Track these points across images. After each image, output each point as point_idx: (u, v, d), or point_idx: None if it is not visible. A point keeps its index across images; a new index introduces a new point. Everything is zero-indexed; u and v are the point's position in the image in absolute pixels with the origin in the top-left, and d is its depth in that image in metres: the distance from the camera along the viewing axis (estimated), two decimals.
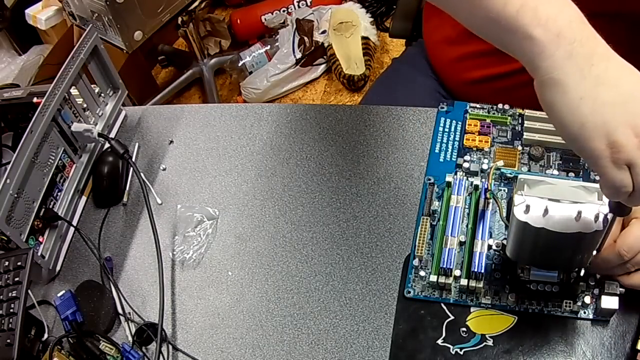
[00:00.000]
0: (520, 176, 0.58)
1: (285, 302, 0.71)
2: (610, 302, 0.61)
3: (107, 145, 0.84)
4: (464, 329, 0.65)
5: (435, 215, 0.72)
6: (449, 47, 0.93)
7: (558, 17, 0.48)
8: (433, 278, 0.67)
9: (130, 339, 0.70)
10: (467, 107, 0.80)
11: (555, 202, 0.56)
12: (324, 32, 1.95)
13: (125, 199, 0.83)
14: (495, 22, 0.50)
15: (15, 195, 0.69)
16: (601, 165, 0.48)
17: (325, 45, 1.94)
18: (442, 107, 0.81)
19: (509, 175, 0.73)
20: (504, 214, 0.70)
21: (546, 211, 0.55)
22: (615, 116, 0.46)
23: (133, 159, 0.84)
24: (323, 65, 1.99)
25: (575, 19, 0.48)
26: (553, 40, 0.47)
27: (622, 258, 0.58)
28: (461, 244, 0.69)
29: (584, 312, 0.63)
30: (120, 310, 0.72)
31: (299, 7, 2.07)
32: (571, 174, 0.72)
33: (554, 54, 0.47)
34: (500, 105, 0.79)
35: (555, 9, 0.48)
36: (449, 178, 0.73)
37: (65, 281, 0.77)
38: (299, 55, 1.94)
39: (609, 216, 0.55)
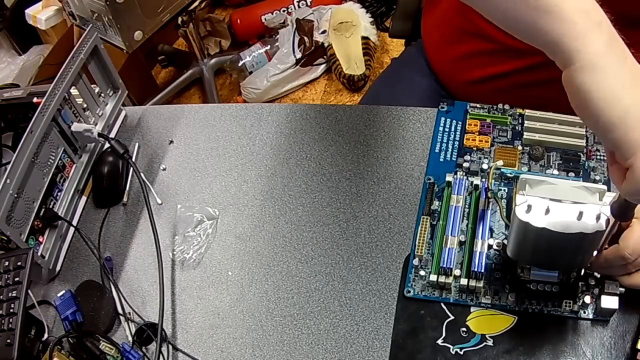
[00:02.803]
0: (522, 176, 0.58)
1: (285, 302, 0.71)
2: (610, 302, 0.61)
3: (107, 145, 0.84)
4: (464, 329, 0.65)
5: (435, 214, 0.72)
6: (447, 47, 0.93)
7: (597, 10, 0.48)
8: (433, 277, 0.67)
9: (130, 339, 0.70)
10: (467, 107, 0.80)
11: (557, 202, 0.56)
12: (324, 32, 1.95)
13: (125, 199, 0.83)
14: (532, 5, 0.49)
15: (15, 195, 0.69)
16: (637, 157, 0.47)
17: (325, 45, 1.94)
18: (442, 107, 0.81)
19: (509, 175, 0.73)
20: (504, 214, 0.70)
21: (547, 211, 0.55)
22: None
23: (133, 159, 0.84)
24: (323, 65, 1.99)
25: (607, 17, 0.49)
26: (595, 28, 0.47)
27: (625, 260, 0.58)
28: (461, 243, 0.69)
29: (584, 312, 0.63)
30: (120, 310, 0.72)
31: (299, 7, 2.07)
32: (571, 174, 0.72)
33: (597, 40, 0.47)
34: (500, 105, 0.79)
35: (591, 4, 0.49)
36: (449, 178, 0.73)
37: (65, 281, 0.77)
38: (299, 55, 1.94)
39: (611, 218, 0.55)
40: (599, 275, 0.64)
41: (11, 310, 0.64)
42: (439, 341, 0.64)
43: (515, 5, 0.50)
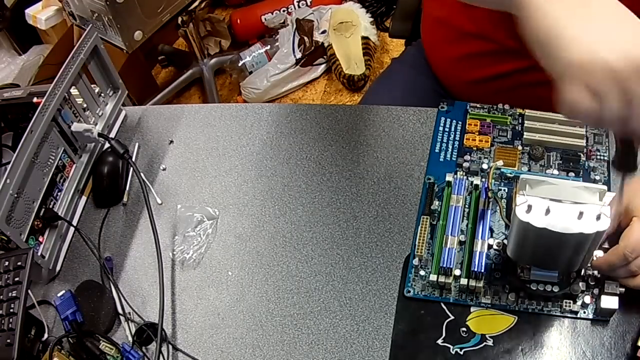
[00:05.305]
0: (522, 176, 0.58)
1: (285, 302, 0.71)
2: (610, 302, 0.61)
3: (107, 145, 0.84)
4: (464, 329, 0.65)
5: (435, 214, 0.72)
6: (446, 47, 0.93)
7: None
8: (433, 277, 0.67)
9: (130, 339, 0.70)
10: (467, 107, 0.80)
11: (557, 203, 0.56)
12: (324, 32, 1.95)
13: (125, 199, 0.83)
14: None
15: (15, 195, 0.69)
16: (565, 79, 0.47)
17: (325, 45, 1.94)
18: (443, 107, 0.81)
19: (509, 175, 0.73)
20: (505, 213, 0.70)
21: (548, 211, 0.55)
22: (605, 41, 0.46)
23: (133, 159, 0.84)
24: (323, 65, 1.99)
25: None
26: None
27: (625, 259, 0.58)
28: (461, 243, 0.69)
29: (584, 312, 0.63)
30: (120, 310, 0.72)
31: (299, 7, 2.07)
32: (571, 174, 0.72)
33: None
34: (500, 105, 0.79)
35: None
36: (449, 177, 0.73)
37: (65, 281, 0.77)
38: (299, 55, 1.94)
39: (610, 219, 0.55)
40: (599, 275, 0.64)
41: (11, 310, 0.64)
42: (439, 341, 0.64)
43: None
